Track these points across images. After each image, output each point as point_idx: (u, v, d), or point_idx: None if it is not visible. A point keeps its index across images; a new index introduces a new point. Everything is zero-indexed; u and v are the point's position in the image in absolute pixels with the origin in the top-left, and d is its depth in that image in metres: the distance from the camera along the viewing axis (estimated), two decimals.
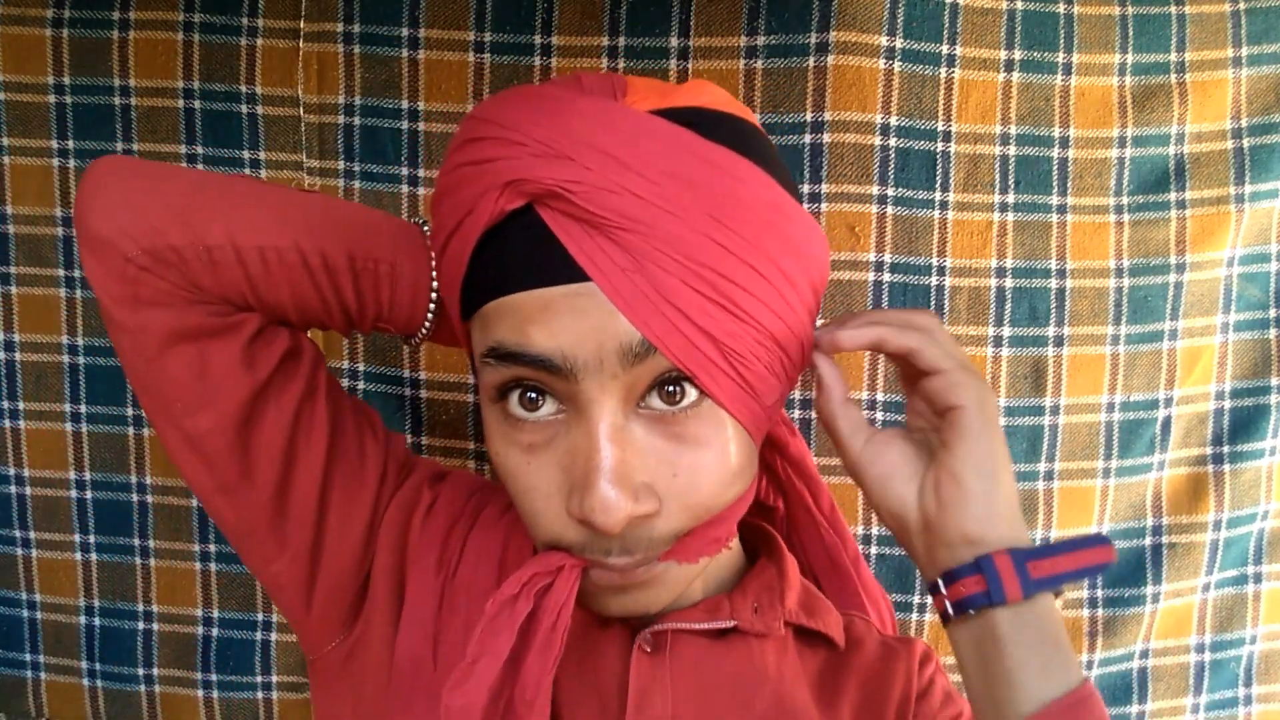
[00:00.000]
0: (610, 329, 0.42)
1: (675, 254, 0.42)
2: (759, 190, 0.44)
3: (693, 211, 0.42)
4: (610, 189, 0.41)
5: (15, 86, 0.82)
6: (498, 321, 0.44)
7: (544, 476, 0.46)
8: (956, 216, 0.83)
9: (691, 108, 0.45)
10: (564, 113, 0.43)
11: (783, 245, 0.45)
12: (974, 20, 0.81)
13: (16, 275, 0.84)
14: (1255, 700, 0.93)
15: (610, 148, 0.42)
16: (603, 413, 0.43)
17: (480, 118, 0.45)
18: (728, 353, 0.44)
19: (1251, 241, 0.86)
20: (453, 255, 0.46)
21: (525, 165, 0.42)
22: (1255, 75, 0.83)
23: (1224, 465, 0.89)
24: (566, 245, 0.42)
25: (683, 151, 0.42)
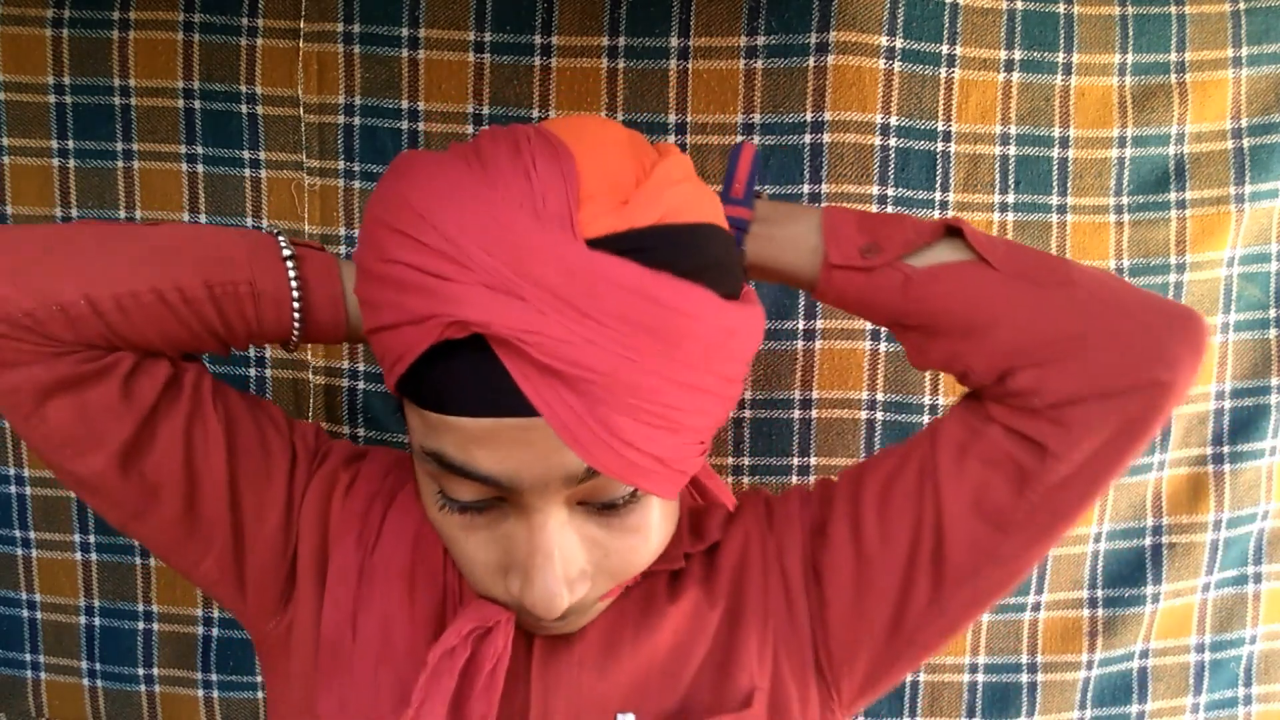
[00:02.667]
0: (556, 460, 0.43)
1: (627, 396, 0.41)
2: (711, 318, 0.43)
3: (646, 354, 0.41)
4: (567, 339, 0.40)
5: (15, 86, 0.82)
6: (441, 434, 0.44)
7: (481, 551, 0.48)
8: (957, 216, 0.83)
9: (649, 228, 0.43)
10: (518, 246, 0.40)
11: (728, 358, 0.45)
12: (974, 20, 0.81)
13: None
14: (1255, 700, 0.93)
15: (566, 294, 0.40)
16: (546, 520, 0.45)
17: (419, 212, 0.42)
18: (669, 461, 0.45)
19: (1251, 241, 0.86)
20: (388, 345, 0.44)
21: (477, 299, 0.40)
22: (1255, 75, 0.83)
23: (1224, 465, 0.89)
24: (520, 384, 0.41)
25: (639, 297, 0.41)
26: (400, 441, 0.85)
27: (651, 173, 0.45)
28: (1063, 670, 0.89)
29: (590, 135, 0.46)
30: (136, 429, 0.52)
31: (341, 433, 0.85)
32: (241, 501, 0.56)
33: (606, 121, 0.49)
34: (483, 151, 0.44)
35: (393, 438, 0.85)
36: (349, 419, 0.85)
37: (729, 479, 0.85)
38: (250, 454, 0.56)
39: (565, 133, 0.45)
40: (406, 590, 0.55)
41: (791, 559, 0.58)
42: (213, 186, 0.82)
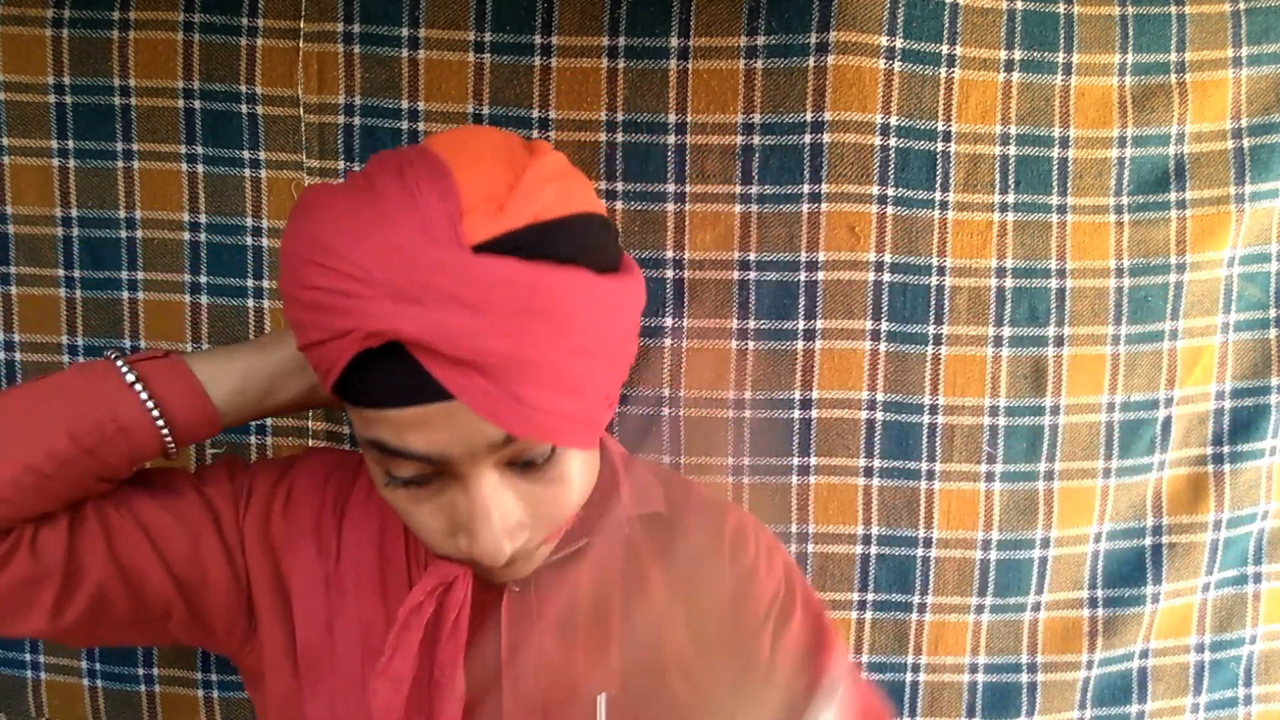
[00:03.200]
0: (479, 431, 0.48)
1: (530, 371, 0.47)
2: (594, 296, 0.49)
3: (541, 336, 0.47)
4: (467, 333, 0.46)
5: (15, 86, 0.82)
6: (375, 424, 0.49)
7: (429, 518, 0.53)
8: (956, 216, 0.83)
9: (526, 227, 0.48)
10: (413, 262, 0.46)
11: (614, 323, 0.51)
12: (974, 20, 0.81)
13: (16, 275, 0.84)
14: (1255, 700, 0.93)
15: (461, 295, 0.46)
16: (480, 482, 0.51)
17: (325, 245, 0.47)
18: (578, 417, 0.51)
19: (1252, 241, 0.86)
20: (319, 359, 0.50)
21: (383, 310, 0.46)
22: (1255, 75, 0.83)
23: (1224, 465, 0.89)
24: (435, 375, 0.47)
25: (524, 289, 0.47)
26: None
27: (522, 176, 0.50)
28: (1063, 670, 0.89)
29: (466, 149, 0.51)
30: (61, 581, 0.56)
31: (342, 433, 0.85)
32: (182, 577, 0.59)
33: (484, 131, 0.55)
34: (374, 180, 0.50)
35: None
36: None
37: (729, 479, 0.85)
38: (172, 536, 0.59)
39: (444, 150, 0.51)
40: (379, 593, 0.60)
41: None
42: (213, 187, 0.82)
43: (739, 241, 0.82)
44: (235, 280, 0.83)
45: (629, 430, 0.84)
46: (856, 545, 0.86)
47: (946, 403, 0.85)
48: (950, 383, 0.85)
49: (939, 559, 0.86)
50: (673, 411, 0.84)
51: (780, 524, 0.85)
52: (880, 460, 0.85)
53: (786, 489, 0.85)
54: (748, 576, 0.65)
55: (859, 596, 0.87)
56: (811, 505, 0.85)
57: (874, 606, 0.87)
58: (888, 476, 0.86)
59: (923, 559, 0.86)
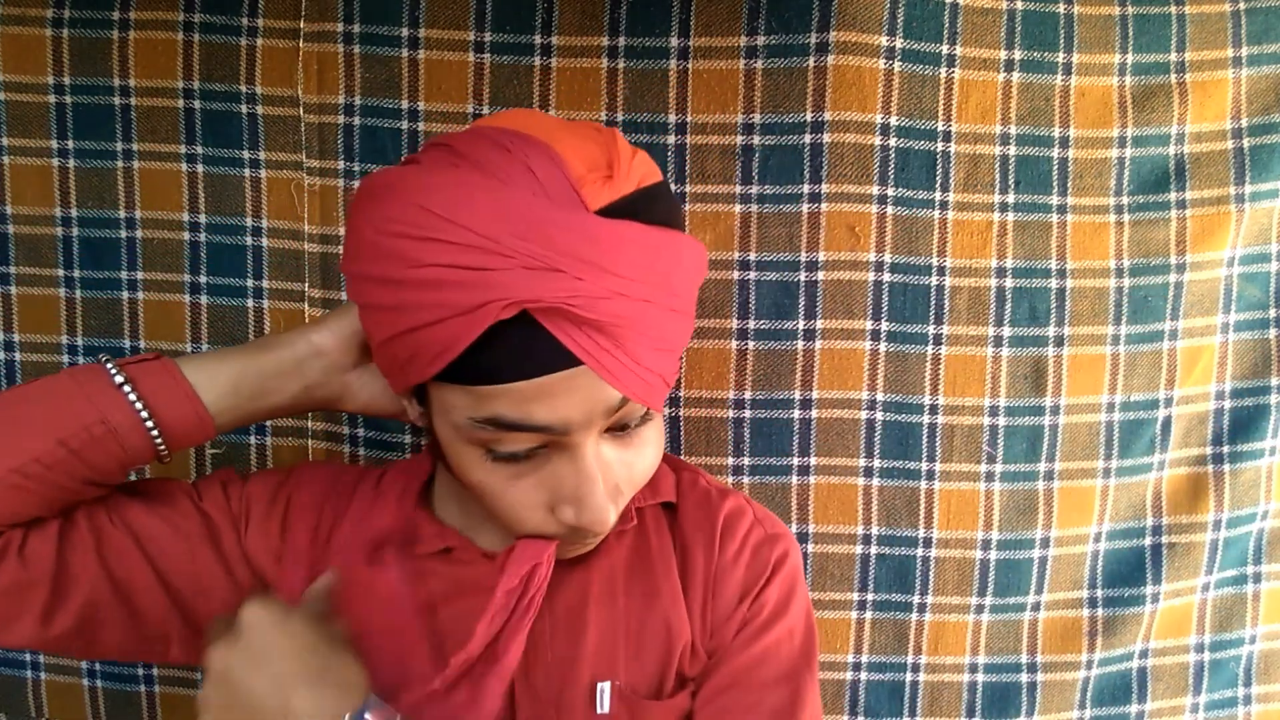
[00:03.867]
0: (599, 396, 0.49)
1: (649, 331, 0.49)
2: (686, 254, 0.52)
3: (657, 295, 0.49)
4: (602, 296, 0.47)
5: (15, 86, 0.82)
6: (496, 400, 0.49)
7: (529, 495, 0.53)
8: (956, 216, 0.83)
9: (635, 193, 0.50)
10: (541, 225, 0.46)
11: (695, 281, 0.54)
12: (974, 20, 0.81)
13: (16, 275, 0.84)
14: (1255, 700, 0.93)
15: (595, 258, 0.47)
16: (589, 450, 0.51)
17: (442, 216, 0.46)
18: (668, 379, 0.53)
19: (1251, 241, 0.86)
20: (424, 343, 0.48)
21: (521, 281, 0.46)
22: (1255, 75, 0.83)
23: (1224, 465, 0.89)
24: (563, 342, 0.47)
25: (647, 251, 0.49)
26: (397, 442, 0.85)
27: (615, 148, 0.51)
28: (1062, 670, 0.89)
29: (544, 126, 0.52)
30: (51, 589, 0.55)
31: (342, 433, 0.85)
32: (176, 587, 0.59)
33: (535, 112, 0.56)
34: (469, 155, 0.49)
35: (392, 437, 0.85)
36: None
37: (729, 479, 0.85)
38: (166, 546, 0.59)
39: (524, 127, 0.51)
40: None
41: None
42: (213, 186, 0.82)
43: (739, 241, 0.82)
44: (235, 280, 0.83)
45: None
46: (856, 545, 0.86)
47: (946, 403, 0.85)
48: (950, 383, 0.85)
49: (939, 559, 0.86)
50: (672, 412, 0.84)
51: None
52: (880, 460, 0.85)
53: (786, 489, 0.85)
54: (725, 569, 0.62)
55: (859, 596, 0.87)
56: (811, 505, 0.85)
57: (874, 606, 0.87)
58: (888, 476, 0.86)
59: (923, 559, 0.86)
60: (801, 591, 0.65)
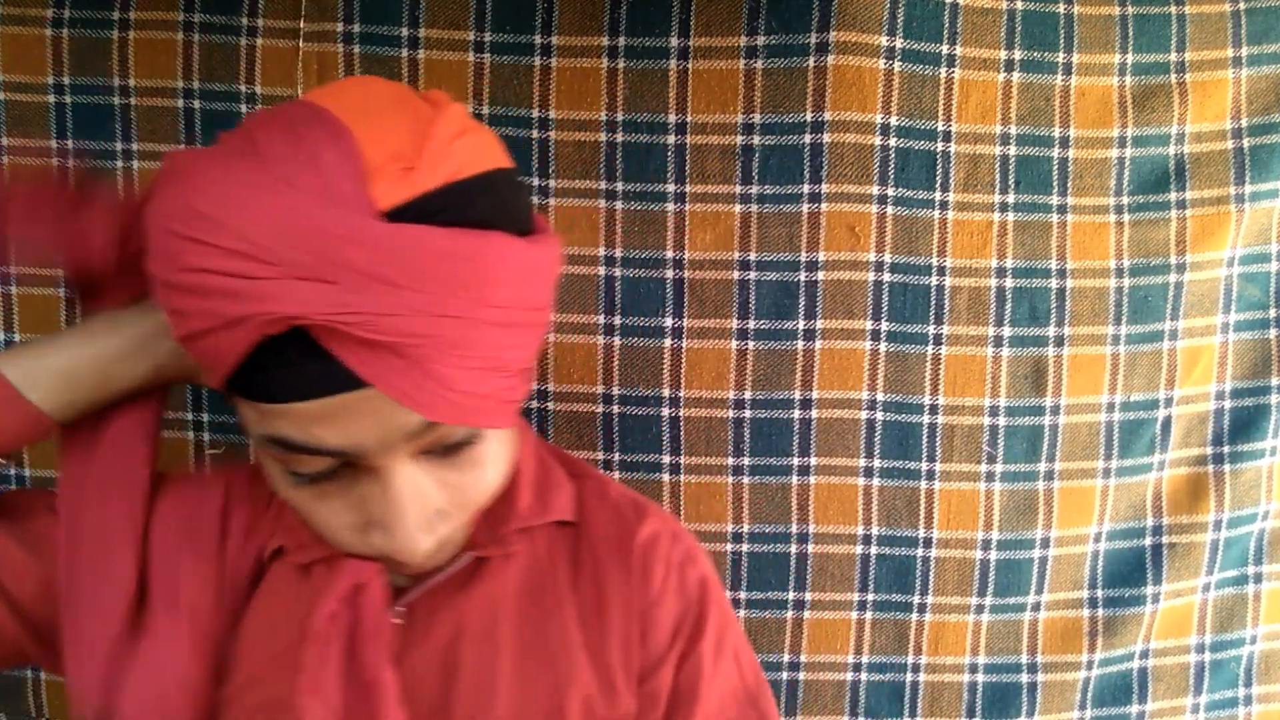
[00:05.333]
0: (395, 420, 0.44)
1: (452, 350, 0.43)
2: (513, 260, 0.45)
3: (463, 309, 0.43)
4: (384, 313, 0.41)
5: (15, 86, 0.82)
6: (276, 419, 0.44)
7: (339, 515, 0.48)
8: (956, 216, 0.83)
9: (440, 189, 0.43)
10: (317, 233, 0.40)
11: (534, 290, 0.47)
12: (974, 20, 0.81)
13: (16, 275, 0.84)
14: (1255, 700, 0.93)
15: (375, 271, 0.40)
16: (396, 475, 0.46)
17: (212, 219, 0.41)
18: (498, 396, 0.46)
19: (1251, 241, 0.86)
20: (205, 351, 0.44)
21: (288, 293, 0.40)
22: (1255, 75, 0.83)
23: (1224, 465, 0.89)
24: (347, 363, 0.42)
25: (444, 259, 0.42)
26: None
27: (430, 131, 0.44)
28: (1063, 670, 0.89)
29: (362, 104, 0.46)
30: None
31: None
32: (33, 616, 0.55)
33: (373, 81, 0.49)
34: (259, 143, 0.43)
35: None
36: None
37: (729, 479, 0.85)
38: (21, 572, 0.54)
39: (337, 105, 0.45)
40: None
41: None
42: None
43: (739, 241, 0.82)
44: None
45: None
46: (856, 545, 0.86)
47: (946, 403, 0.85)
48: (950, 383, 0.85)
49: (939, 559, 0.86)
50: (673, 412, 0.84)
51: (780, 524, 0.85)
52: (880, 460, 0.85)
53: (786, 489, 0.85)
54: (654, 602, 0.57)
55: (859, 596, 0.87)
56: (811, 505, 0.85)
57: (874, 606, 0.87)
58: (888, 476, 0.86)
59: (923, 559, 0.86)
60: (726, 601, 0.62)
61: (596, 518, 0.60)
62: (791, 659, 0.87)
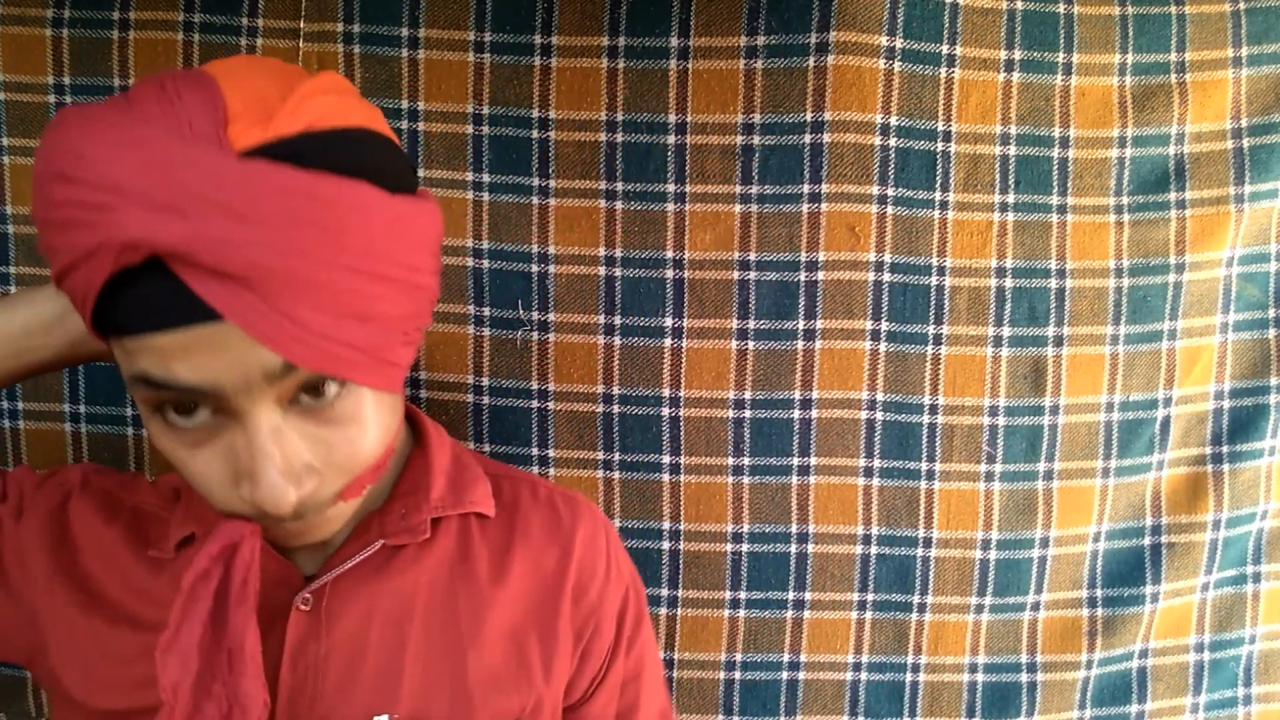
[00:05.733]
0: (253, 358, 0.44)
1: (305, 289, 0.44)
2: (373, 210, 0.45)
3: (315, 249, 0.43)
4: (232, 242, 0.42)
5: (15, 86, 0.82)
6: (139, 355, 0.45)
7: (212, 467, 0.48)
8: (956, 216, 0.83)
9: (298, 135, 0.45)
10: (169, 164, 0.42)
11: (403, 246, 0.47)
12: (974, 20, 0.81)
13: (16, 275, 0.84)
14: (1255, 700, 0.93)
15: (224, 201, 0.42)
16: (258, 420, 0.46)
17: (73, 153, 0.43)
18: (366, 349, 0.47)
19: (1251, 241, 0.86)
20: (74, 287, 0.45)
21: (138, 222, 0.41)
22: (1255, 75, 0.83)
23: (1223, 465, 0.89)
24: (198, 292, 0.43)
25: (296, 196, 0.43)
26: None
27: (296, 88, 0.46)
28: (1062, 670, 0.90)
29: (236, 66, 0.48)
30: None
31: None
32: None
33: (258, 58, 0.51)
34: (132, 94, 0.46)
35: None
36: None
37: (729, 479, 0.85)
38: None
39: (213, 68, 0.47)
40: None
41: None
42: None
43: (739, 241, 0.82)
44: None
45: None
46: (856, 545, 0.86)
47: (946, 403, 0.85)
48: (950, 383, 0.85)
49: (939, 559, 0.87)
50: (673, 412, 0.84)
51: (780, 524, 0.85)
52: (880, 460, 0.85)
53: (786, 489, 0.85)
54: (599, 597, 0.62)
55: (859, 596, 0.87)
56: (811, 505, 0.85)
57: (874, 606, 0.87)
58: (888, 476, 0.86)
59: (923, 559, 0.86)
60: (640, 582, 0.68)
61: (531, 515, 0.62)
62: (791, 659, 0.87)
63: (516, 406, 0.84)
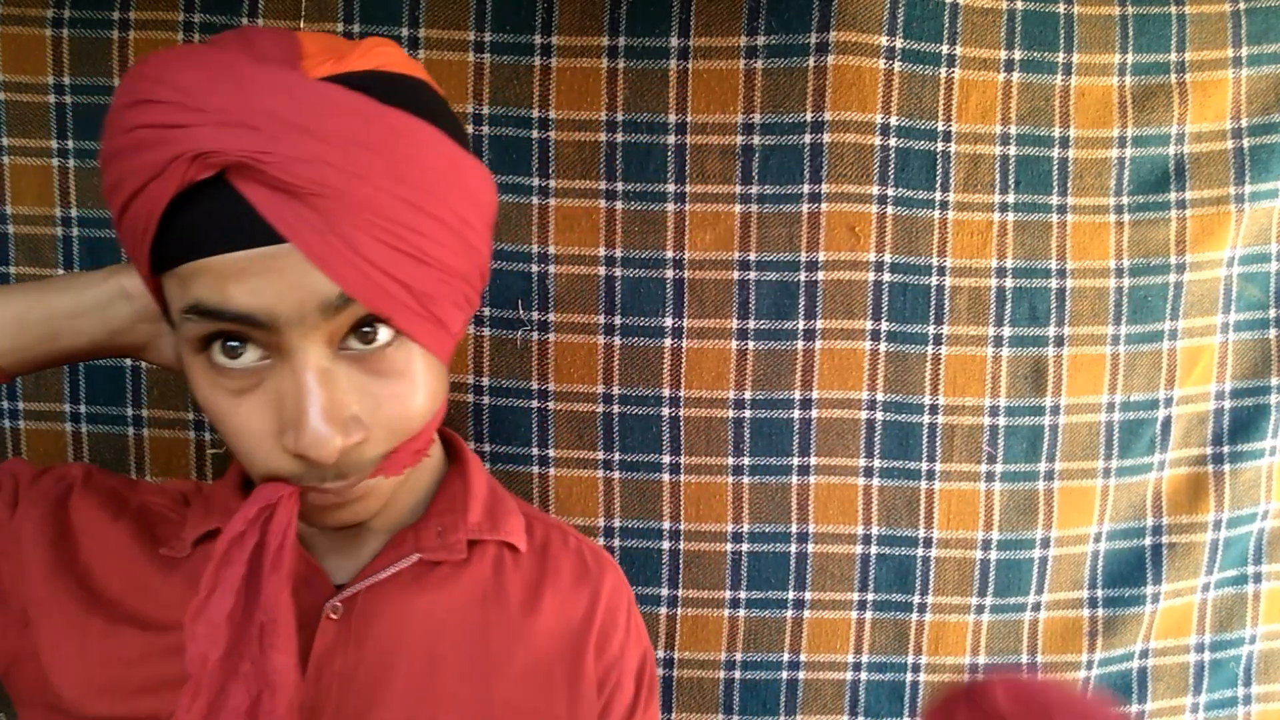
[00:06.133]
0: (309, 285, 0.44)
1: (365, 213, 0.44)
2: (435, 149, 0.47)
3: (377, 174, 0.44)
4: (300, 158, 0.43)
5: (15, 86, 0.82)
6: (195, 281, 0.45)
7: (255, 418, 0.48)
8: (956, 216, 0.83)
9: (367, 72, 0.46)
10: (244, 82, 0.43)
11: (460, 195, 0.48)
12: (974, 20, 0.81)
13: (16, 275, 0.84)
14: (1255, 700, 0.93)
15: (295, 118, 0.43)
16: (308, 358, 0.46)
17: (152, 78, 0.44)
18: (418, 294, 0.47)
19: (1251, 241, 0.86)
20: (138, 216, 0.46)
21: (211, 135, 0.42)
22: (1255, 75, 0.83)
23: (1224, 465, 0.89)
24: (261, 211, 0.43)
25: (363, 119, 0.44)
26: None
27: (365, 43, 0.48)
28: (1063, 670, 0.89)
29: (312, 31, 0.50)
30: None
31: None
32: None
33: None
34: (211, 39, 0.49)
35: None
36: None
37: (729, 479, 0.85)
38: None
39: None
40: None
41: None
42: None
43: (739, 241, 0.82)
44: None
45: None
46: (856, 545, 0.86)
47: (946, 403, 0.85)
48: (950, 383, 0.85)
49: (939, 559, 0.87)
50: (673, 411, 0.84)
51: (780, 524, 0.85)
52: (880, 460, 0.85)
53: (786, 489, 0.85)
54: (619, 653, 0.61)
55: (859, 596, 0.87)
56: (811, 505, 0.85)
57: (874, 606, 0.87)
58: (888, 476, 0.86)
59: (923, 559, 0.86)
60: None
61: (561, 559, 0.62)
62: (791, 658, 0.87)
63: (516, 406, 0.84)
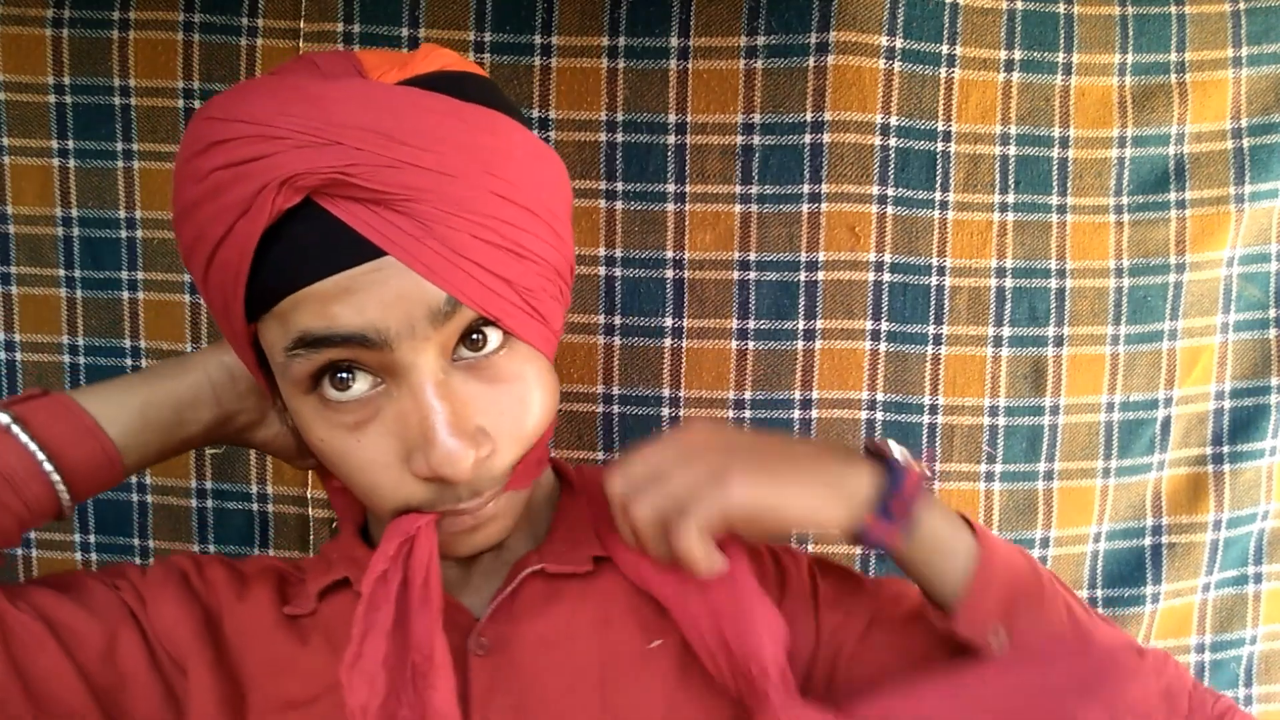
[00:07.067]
0: (414, 294, 0.43)
1: (460, 213, 0.43)
2: (517, 139, 0.46)
3: (467, 171, 0.43)
4: (387, 165, 0.42)
5: (15, 86, 0.82)
6: (298, 312, 0.43)
7: (377, 449, 0.46)
8: (956, 216, 0.83)
9: (435, 73, 0.46)
10: (318, 99, 0.42)
11: (545, 184, 0.48)
12: (974, 20, 0.81)
13: (16, 275, 0.84)
14: (1255, 700, 0.93)
15: (375, 125, 0.42)
16: (424, 373, 0.44)
17: (220, 118, 0.43)
18: (521, 291, 0.46)
19: (1251, 241, 0.86)
20: (227, 263, 0.44)
21: (294, 159, 0.41)
22: (1255, 75, 0.83)
23: (1224, 465, 0.89)
24: (355, 227, 0.42)
25: (444, 116, 0.44)
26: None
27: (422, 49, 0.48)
28: None
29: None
30: None
31: None
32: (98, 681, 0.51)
33: None
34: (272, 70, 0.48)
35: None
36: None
37: None
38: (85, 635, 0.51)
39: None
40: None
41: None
42: None
43: (739, 241, 0.82)
44: None
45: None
46: (857, 545, 0.86)
47: (946, 403, 0.85)
48: (950, 383, 0.85)
49: None
50: (673, 412, 0.84)
51: None
52: None
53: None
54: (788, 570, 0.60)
55: None
56: None
57: None
58: None
59: None
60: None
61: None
62: None
63: None
